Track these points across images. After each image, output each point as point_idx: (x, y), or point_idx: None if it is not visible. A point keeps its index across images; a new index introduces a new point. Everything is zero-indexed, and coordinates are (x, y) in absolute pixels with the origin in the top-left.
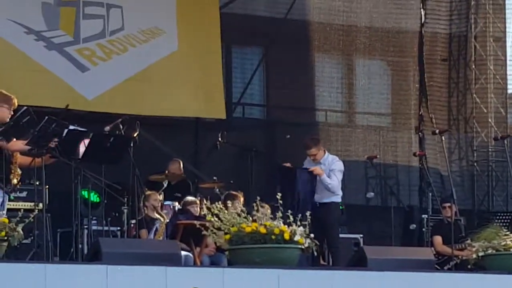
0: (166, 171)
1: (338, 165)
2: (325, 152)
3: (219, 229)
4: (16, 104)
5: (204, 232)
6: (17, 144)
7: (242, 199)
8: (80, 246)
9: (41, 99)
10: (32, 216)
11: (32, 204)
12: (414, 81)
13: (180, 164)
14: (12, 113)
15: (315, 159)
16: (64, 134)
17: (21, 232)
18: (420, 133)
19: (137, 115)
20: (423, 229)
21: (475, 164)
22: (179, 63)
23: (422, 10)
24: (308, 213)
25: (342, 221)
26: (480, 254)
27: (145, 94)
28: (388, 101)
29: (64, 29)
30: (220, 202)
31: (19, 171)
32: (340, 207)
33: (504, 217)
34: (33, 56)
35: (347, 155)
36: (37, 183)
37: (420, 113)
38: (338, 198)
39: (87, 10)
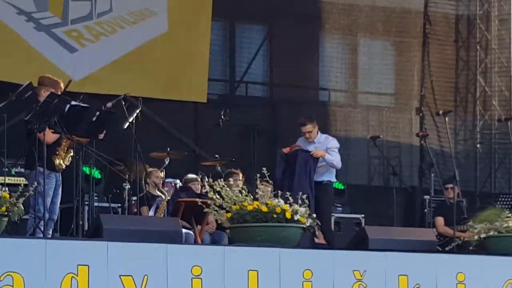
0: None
1: (334, 143)
2: (317, 132)
3: (220, 206)
4: (63, 87)
5: (206, 210)
6: (49, 135)
7: (241, 176)
8: (81, 222)
9: (27, 79)
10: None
11: None
12: (417, 62)
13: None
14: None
15: (309, 137)
16: (66, 110)
17: (22, 207)
18: (421, 114)
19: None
20: (425, 210)
21: (478, 145)
22: (167, 45)
23: None
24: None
25: (344, 201)
26: (482, 235)
27: (131, 75)
28: (391, 81)
29: (53, 11)
30: (221, 180)
31: (63, 154)
32: (335, 186)
33: (506, 199)
34: (25, 36)
35: (350, 134)
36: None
37: (422, 93)
38: (333, 177)
39: None
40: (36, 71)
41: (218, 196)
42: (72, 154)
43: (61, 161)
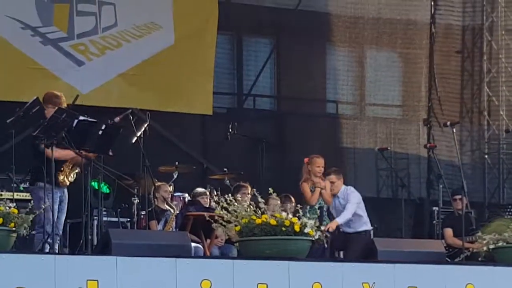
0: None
1: (353, 197)
2: (342, 185)
3: (229, 221)
4: (65, 102)
5: (214, 225)
6: (58, 152)
7: (250, 189)
8: (90, 237)
9: (35, 95)
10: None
11: None
12: (424, 73)
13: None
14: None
15: (333, 189)
16: (74, 125)
17: (30, 223)
18: (429, 125)
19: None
20: (434, 222)
21: (486, 156)
22: (173, 58)
23: (431, 1)
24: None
25: None
26: (491, 246)
27: (137, 88)
28: (398, 92)
29: (58, 26)
30: (230, 194)
31: (68, 170)
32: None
33: None
34: (28, 53)
35: (357, 146)
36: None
37: (429, 105)
38: (366, 226)
39: (80, 7)
40: (42, 87)
41: (225, 212)
42: (77, 170)
43: (65, 177)
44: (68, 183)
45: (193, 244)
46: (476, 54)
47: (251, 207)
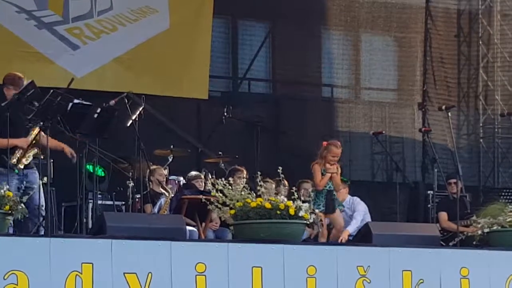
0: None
1: (360, 208)
2: (347, 195)
3: (224, 204)
4: (25, 83)
5: (209, 207)
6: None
7: (245, 173)
8: (84, 220)
9: (29, 79)
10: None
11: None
12: (419, 57)
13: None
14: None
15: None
16: (69, 108)
17: (24, 206)
18: (423, 109)
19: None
20: (429, 205)
21: (481, 140)
22: (169, 42)
23: None
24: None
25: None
26: (486, 230)
27: (133, 72)
28: (394, 76)
29: (53, 9)
30: (224, 177)
31: (23, 153)
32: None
33: (509, 194)
34: (23, 36)
35: (352, 130)
36: (42, 157)
37: (425, 89)
38: None
39: None
40: (37, 70)
41: (220, 195)
42: (36, 151)
43: (18, 159)
44: (22, 166)
45: (188, 228)
46: (473, 38)
47: (246, 190)
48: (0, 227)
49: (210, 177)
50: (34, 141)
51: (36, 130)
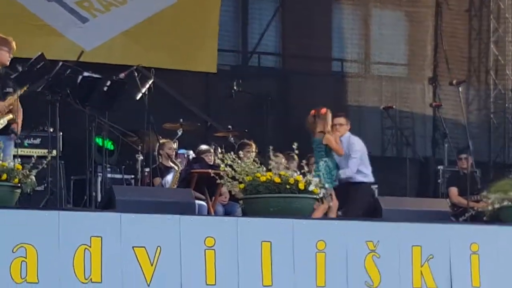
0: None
1: (356, 151)
2: (348, 131)
3: (233, 178)
4: (15, 47)
5: (219, 181)
6: None
7: (254, 147)
8: (93, 193)
9: (38, 52)
10: (45, 162)
11: (46, 151)
12: (430, 32)
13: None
14: (11, 56)
15: (338, 130)
16: (78, 81)
17: (34, 179)
18: (434, 84)
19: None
20: (439, 181)
21: (492, 115)
22: (178, 15)
23: None
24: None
25: None
26: (496, 206)
27: (142, 45)
28: (404, 51)
29: None
30: (233, 152)
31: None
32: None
33: None
34: (32, 9)
35: (362, 105)
36: (51, 130)
37: (435, 63)
38: (366, 177)
39: None
40: (46, 43)
41: (230, 169)
42: (11, 116)
43: None
44: None
45: (197, 202)
46: (484, 12)
47: (255, 164)
48: (9, 200)
49: (220, 151)
50: (11, 106)
51: (15, 96)
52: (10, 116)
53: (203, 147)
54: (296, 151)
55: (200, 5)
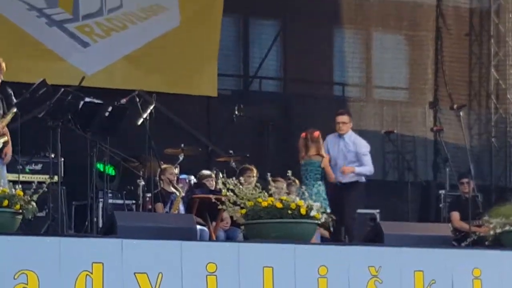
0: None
1: (364, 148)
2: (350, 130)
3: (235, 203)
4: (5, 67)
5: (220, 206)
6: None
7: (255, 172)
8: (95, 219)
9: (40, 77)
10: (45, 185)
11: (47, 176)
12: (430, 56)
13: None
14: (1, 77)
15: (340, 128)
16: (80, 106)
17: (35, 205)
18: (435, 108)
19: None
20: (440, 205)
21: (493, 139)
22: (179, 40)
23: None
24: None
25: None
26: (498, 230)
27: (143, 69)
28: (405, 75)
29: (63, 7)
30: (235, 178)
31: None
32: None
33: None
34: (33, 34)
35: (364, 129)
36: (53, 155)
37: (436, 87)
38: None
39: None
40: (47, 68)
41: (231, 194)
42: (6, 139)
43: None
44: None
45: (198, 227)
46: (484, 36)
47: (257, 189)
48: (10, 226)
49: (221, 176)
50: (4, 129)
51: (9, 117)
52: (5, 138)
53: (205, 172)
54: (292, 177)
55: (200, 29)
